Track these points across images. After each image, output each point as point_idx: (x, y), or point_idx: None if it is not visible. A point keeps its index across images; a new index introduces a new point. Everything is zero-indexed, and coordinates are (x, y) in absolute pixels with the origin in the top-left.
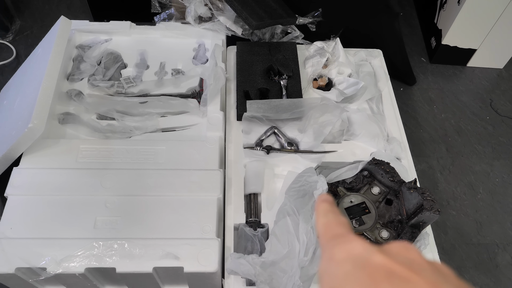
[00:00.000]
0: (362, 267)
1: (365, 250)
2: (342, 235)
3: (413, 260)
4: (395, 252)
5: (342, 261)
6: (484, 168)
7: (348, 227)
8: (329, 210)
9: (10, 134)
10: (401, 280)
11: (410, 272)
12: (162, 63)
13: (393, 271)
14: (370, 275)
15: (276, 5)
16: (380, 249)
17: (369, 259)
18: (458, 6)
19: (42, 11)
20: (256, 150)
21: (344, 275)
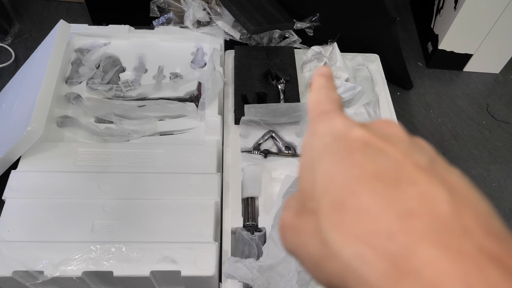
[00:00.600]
0: (340, 139)
1: (346, 125)
2: (329, 111)
3: (392, 133)
4: (375, 126)
5: (323, 135)
6: (480, 173)
7: (337, 104)
8: (324, 85)
9: (9, 137)
10: (375, 150)
11: (385, 143)
12: (161, 67)
13: (369, 142)
14: (347, 146)
15: (274, 10)
16: (361, 124)
17: (348, 133)
18: (455, 11)
19: (41, 15)
20: (254, 154)
21: (322, 147)
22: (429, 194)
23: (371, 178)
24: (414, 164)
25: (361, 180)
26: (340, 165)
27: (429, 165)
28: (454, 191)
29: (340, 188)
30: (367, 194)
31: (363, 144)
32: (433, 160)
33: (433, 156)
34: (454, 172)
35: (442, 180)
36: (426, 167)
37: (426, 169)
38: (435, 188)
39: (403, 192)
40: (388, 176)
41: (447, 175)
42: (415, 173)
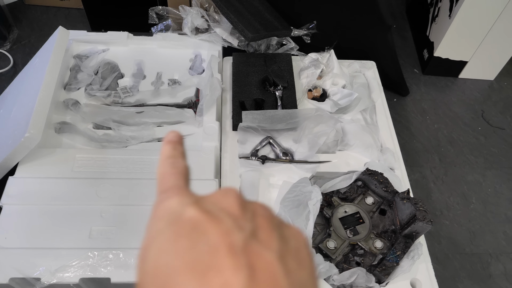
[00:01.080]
0: (172, 223)
1: (180, 204)
2: (169, 189)
3: (224, 207)
4: (212, 200)
5: (158, 219)
6: (476, 178)
7: (181, 177)
8: (169, 154)
9: (6, 143)
10: (199, 233)
11: (211, 222)
12: (159, 73)
13: (196, 223)
14: (176, 231)
15: (272, 18)
16: (196, 201)
17: (181, 214)
18: (450, 19)
19: (40, 21)
20: (252, 160)
21: (155, 233)
22: (229, 283)
23: (186, 269)
24: (228, 247)
25: (178, 273)
26: (167, 254)
27: (245, 244)
28: (257, 274)
29: (164, 282)
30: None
31: (191, 226)
32: (255, 233)
33: (259, 226)
34: (272, 245)
35: (250, 262)
36: (240, 248)
37: (238, 251)
38: (236, 276)
39: (207, 283)
40: (200, 265)
41: (259, 254)
42: (225, 259)
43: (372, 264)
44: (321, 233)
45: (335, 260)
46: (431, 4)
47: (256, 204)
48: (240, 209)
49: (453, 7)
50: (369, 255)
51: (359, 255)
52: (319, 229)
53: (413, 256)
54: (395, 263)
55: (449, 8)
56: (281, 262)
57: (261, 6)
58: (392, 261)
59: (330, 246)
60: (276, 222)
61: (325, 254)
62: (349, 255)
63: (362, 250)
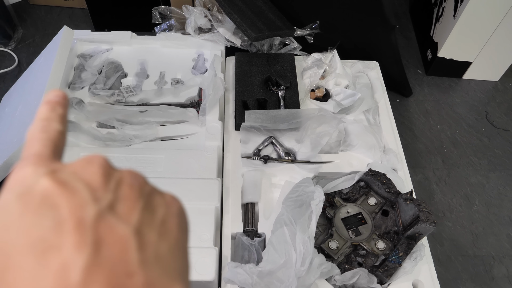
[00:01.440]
0: (21, 195)
1: (34, 175)
2: (30, 156)
3: (84, 177)
4: (71, 170)
5: (8, 189)
6: (480, 180)
7: (49, 145)
8: (44, 116)
9: (12, 142)
10: (48, 206)
11: (64, 194)
12: (162, 73)
13: (48, 196)
14: (24, 204)
15: (275, 17)
16: (53, 171)
17: (33, 185)
18: (454, 19)
19: (44, 20)
20: (254, 159)
21: (2, 205)
22: (67, 263)
23: (27, 249)
24: (76, 222)
25: (19, 252)
26: (10, 231)
27: (97, 217)
28: (102, 251)
29: (4, 260)
30: (18, 269)
31: (41, 199)
32: (113, 205)
33: (122, 196)
34: (130, 218)
35: (97, 238)
36: (90, 222)
37: (86, 226)
38: (77, 254)
39: (46, 266)
40: (42, 244)
41: (111, 228)
42: (68, 236)
43: (374, 265)
44: (323, 233)
45: (337, 260)
46: (435, 4)
47: (125, 172)
48: (103, 178)
49: (457, 7)
50: (371, 256)
51: (361, 255)
52: (321, 230)
53: (415, 258)
54: (398, 264)
55: (454, 8)
56: (137, 235)
57: (264, 6)
58: (395, 262)
59: (332, 246)
60: (147, 191)
61: (327, 255)
62: (351, 256)
63: (364, 251)
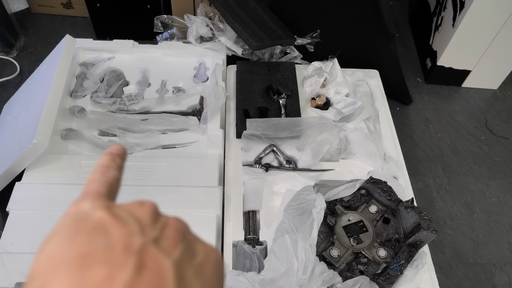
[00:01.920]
0: (78, 220)
1: (93, 207)
2: (89, 193)
3: (136, 215)
4: (124, 208)
5: (67, 215)
6: (480, 188)
7: (106, 186)
8: (105, 164)
9: (14, 149)
10: (101, 231)
11: (116, 224)
12: (164, 81)
13: (102, 223)
14: (80, 227)
15: (276, 26)
16: (107, 206)
17: (90, 214)
18: (453, 28)
19: (46, 29)
20: (255, 167)
21: (60, 227)
22: (112, 276)
23: (74, 260)
24: (125, 246)
25: (65, 263)
26: (63, 246)
27: (143, 247)
28: (144, 271)
29: (50, 269)
30: (62, 277)
31: (96, 225)
32: (158, 240)
33: (166, 236)
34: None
35: (141, 261)
36: (136, 249)
37: (133, 251)
38: (121, 270)
39: (90, 275)
40: (90, 258)
41: (154, 256)
42: (117, 256)
43: (375, 273)
44: (324, 241)
45: (338, 268)
46: (434, 13)
47: (172, 218)
48: (151, 219)
49: (456, 16)
50: (372, 264)
51: (363, 263)
52: (323, 237)
53: (417, 265)
54: (399, 272)
55: (453, 17)
56: (176, 269)
57: (265, 15)
58: (396, 270)
59: (334, 254)
60: (189, 238)
61: (329, 262)
62: (352, 264)
63: (365, 259)
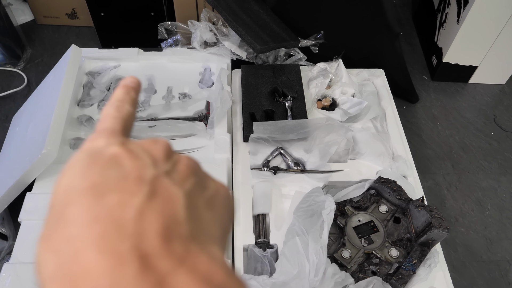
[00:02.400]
0: (93, 155)
1: (107, 143)
2: (105, 130)
3: (149, 150)
4: (138, 144)
5: (82, 151)
6: (491, 184)
7: (121, 123)
8: (119, 98)
9: (24, 160)
10: (115, 163)
11: (130, 157)
12: (169, 88)
13: (116, 157)
14: (94, 160)
15: (279, 29)
16: (123, 142)
17: (105, 149)
18: (458, 24)
19: (52, 40)
20: (263, 170)
21: (74, 161)
22: (124, 202)
23: (89, 189)
24: (137, 176)
25: (80, 191)
26: (77, 177)
27: (155, 177)
28: (155, 197)
29: (66, 199)
30: (77, 204)
31: (110, 158)
32: (170, 173)
33: (178, 171)
34: (183, 184)
35: (153, 189)
36: (148, 179)
37: (145, 181)
38: (133, 196)
39: (104, 202)
40: (104, 187)
41: (165, 186)
42: (129, 184)
43: (388, 273)
44: (335, 243)
45: (350, 269)
46: (438, 10)
47: (184, 156)
48: (164, 154)
49: (461, 12)
50: (384, 264)
51: (375, 264)
52: (333, 239)
53: (429, 264)
54: (412, 271)
55: (457, 14)
56: (187, 198)
57: (268, 18)
58: (409, 270)
59: (345, 255)
60: (201, 174)
61: (340, 264)
62: (364, 264)
63: (377, 259)
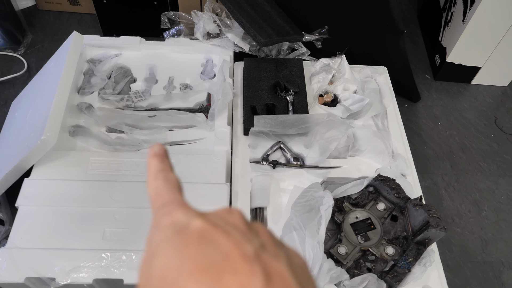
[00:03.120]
0: (179, 232)
1: (186, 216)
2: (169, 203)
3: (230, 222)
4: (217, 215)
5: (164, 228)
6: (489, 186)
7: (176, 190)
8: (160, 168)
9: (22, 146)
10: (209, 241)
11: (220, 233)
12: (171, 78)
13: (205, 233)
14: (184, 239)
15: (283, 23)
16: (201, 214)
17: (188, 224)
18: (463, 24)
19: (53, 26)
20: (263, 164)
21: (163, 240)
22: (246, 284)
23: (200, 271)
24: (241, 254)
25: (191, 274)
26: (176, 259)
27: (256, 253)
28: (272, 279)
29: (172, 283)
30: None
31: (199, 235)
32: (264, 246)
33: (265, 242)
34: (280, 257)
35: (265, 268)
36: (253, 256)
37: (252, 258)
38: (253, 279)
39: (224, 284)
40: (215, 268)
41: (271, 263)
42: (240, 264)
43: (383, 271)
44: (332, 239)
45: (346, 265)
46: (444, 9)
47: (258, 224)
48: (245, 225)
49: (467, 12)
50: (380, 261)
51: (370, 261)
52: (330, 235)
53: (425, 263)
54: (407, 269)
55: (463, 13)
56: (293, 273)
57: (273, 11)
58: (404, 268)
59: (341, 251)
60: (278, 242)
61: (336, 260)
62: (360, 261)
63: (373, 256)
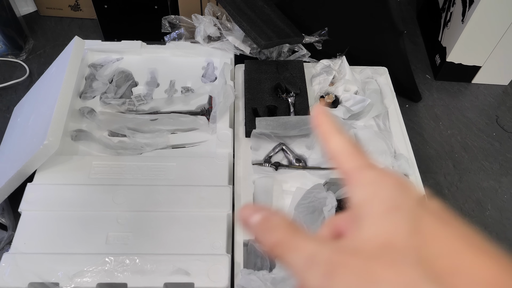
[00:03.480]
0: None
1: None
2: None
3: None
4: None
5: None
6: (492, 185)
7: (363, 151)
8: (337, 129)
9: (25, 151)
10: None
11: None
12: (172, 81)
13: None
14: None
15: (284, 25)
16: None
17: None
18: (462, 24)
19: (54, 31)
20: (265, 166)
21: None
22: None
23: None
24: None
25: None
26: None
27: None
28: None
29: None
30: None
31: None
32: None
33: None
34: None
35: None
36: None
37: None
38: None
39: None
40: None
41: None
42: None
43: None
44: None
45: None
46: (443, 9)
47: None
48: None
49: (466, 11)
50: None
51: None
52: None
53: None
54: None
55: (462, 13)
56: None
57: (273, 13)
58: None
59: None
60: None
61: None
62: None
63: None
